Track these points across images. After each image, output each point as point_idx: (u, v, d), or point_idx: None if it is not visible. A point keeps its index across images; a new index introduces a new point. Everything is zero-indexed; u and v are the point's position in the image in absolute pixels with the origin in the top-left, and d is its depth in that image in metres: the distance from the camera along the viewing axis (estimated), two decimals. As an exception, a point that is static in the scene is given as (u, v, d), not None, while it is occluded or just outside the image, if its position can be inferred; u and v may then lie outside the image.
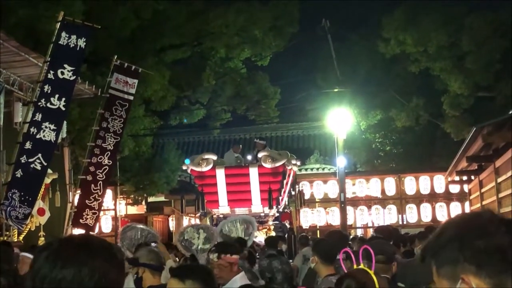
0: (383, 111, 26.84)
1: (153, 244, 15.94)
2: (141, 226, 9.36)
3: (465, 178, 20.36)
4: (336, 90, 24.55)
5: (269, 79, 28.47)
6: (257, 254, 15.66)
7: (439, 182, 22.89)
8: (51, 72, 13.71)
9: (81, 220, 17.30)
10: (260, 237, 16.48)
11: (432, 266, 1.70)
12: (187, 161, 17.45)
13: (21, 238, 15.43)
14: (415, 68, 24.63)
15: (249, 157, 17.47)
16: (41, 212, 16.08)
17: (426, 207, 22.92)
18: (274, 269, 9.36)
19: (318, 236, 20.42)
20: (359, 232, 23.70)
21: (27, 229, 15.57)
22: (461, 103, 23.40)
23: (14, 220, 13.57)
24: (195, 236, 9.61)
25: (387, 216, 23.15)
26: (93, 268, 1.81)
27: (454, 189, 22.87)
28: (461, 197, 22.61)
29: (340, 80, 25.01)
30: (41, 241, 16.02)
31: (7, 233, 14.70)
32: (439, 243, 1.66)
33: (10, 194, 13.43)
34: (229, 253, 5.08)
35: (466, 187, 21.59)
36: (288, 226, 17.27)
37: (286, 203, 17.93)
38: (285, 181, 16.54)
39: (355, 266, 2.85)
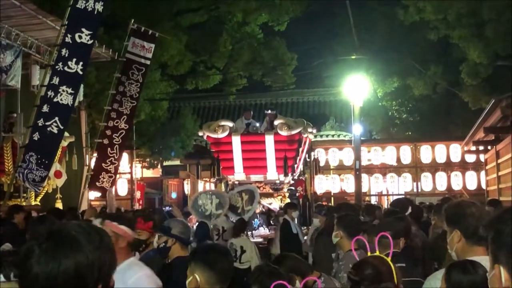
0: (401, 79, 26.61)
1: (167, 208, 16.05)
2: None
3: (481, 148, 20.26)
4: (353, 57, 24.36)
5: (286, 45, 28.30)
6: (271, 219, 15.82)
7: (455, 151, 22.80)
8: (69, 35, 13.71)
9: (97, 183, 17.48)
10: (274, 203, 16.58)
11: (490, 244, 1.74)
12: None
13: (38, 200, 15.61)
14: (433, 36, 24.31)
15: (257, 124, 17.42)
16: (58, 174, 16.23)
17: (441, 176, 22.86)
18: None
19: (333, 203, 20.48)
20: (374, 200, 23.69)
21: (44, 191, 15.74)
22: (480, 72, 23.14)
23: (31, 182, 13.72)
24: (208, 202, 9.69)
25: (402, 184, 23.13)
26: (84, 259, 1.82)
27: (470, 158, 22.78)
28: (477, 166, 22.52)
29: (358, 47, 24.78)
30: (58, 203, 16.20)
31: (25, 195, 14.89)
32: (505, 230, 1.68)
33: (28, 157, 13.55)
34: (117, 221, 4.44)
35: (482, 157, 21.49)
36: (300, 192, 17.30)
37: (301, 170, 17.95)
38: (300, 149, 16.52)
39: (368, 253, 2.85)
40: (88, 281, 1.83)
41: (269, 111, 17.80)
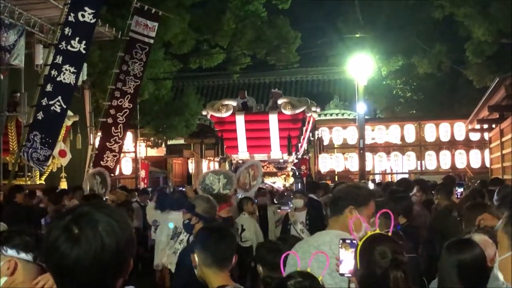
0: (405, 57, 26.52)
1: (181, 188, 16.06)
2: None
3: (485, 126, 20.21)
4: (357, 35, 24.28)
5: (290, 24, 28.17)
6: (275, 198, 15.86)
7: (460, 129, 22.77)
8: (72, 14, 13.67)
9: (102, 162, 17.50)
10: (278, 182, 16.61)
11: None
12: None
13: (43, 179, 15.67)
14: (438, 14, 24.16)
15: (254, 103, 17.47)
16: (62, 154, 16.26)
17: (445, 154, 22.85)
18: None
19: (336, 181, 20.51)
20: (378, 179, 23.75)
21: (49, 170, 15.80)
22: (484, 50, 23.04)
23: (35, 161, 13.78)
24: (216, 182, 9.72)
25: (406, 163, 23.13)
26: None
27: (474, 136, 22.75)
28: (481, 145, 22.49)
29: (362, 25, 24.70)
30: (63, 182, 16.26)
31: (29, 174, 14.94)
32: None
33: (32, 136, 13.59)
34: None
35: (486, 135, 21.45)
36: (304, 171, 17.31)
37: (305, 149, 17.95)
38: (304, 128, 16.50)
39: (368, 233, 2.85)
40: (115, 264, 1.85)
41: (276, 90, 17.77)
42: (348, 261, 2.64)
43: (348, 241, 2.66)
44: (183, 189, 12.27)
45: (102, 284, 1.84)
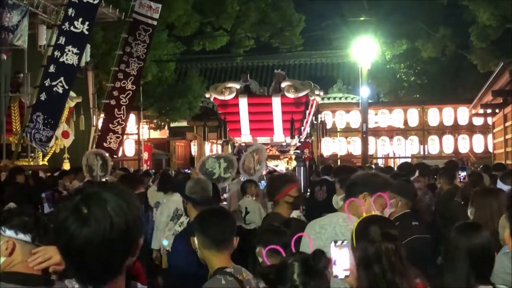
0: (409, 41, 26.42)
1: (186, 170, 16.09)
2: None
3: (489, 111, 20.18)
4: (362, 18, 24.16)
5: (294, 6, 28.02)
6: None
7: (463, 114, 22.72)
8: (75, -5, 13.63)
9: (104, 144, 17.53)
10: (281, 166, 16.61)
11: None
12: None
13: (45, 160, 15.69)
14: (443, -3, 24.12)
15: (257, 85, 17.44)
16: (65, 135, 16.29)
17: (448, 139, 22.83)
18: None
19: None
20: (380, 163, 23.75)
21: (52, 151, 15.82)
22: (489, 35, 22.97)
23: (38, 142, 13.80)
24: (216, 166, 9.71)
25: (409, 147, 23.12)
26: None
27: (478, 121, 22.72)
28: (484, 129, 22.47)
29: (366, 8, 24.58)
30: (66, 163, 16.28)
31: (32, 155, 14.96)
32: None
33: (35, 117, 13.61)
34: None
35: (490, 120, 21.42)
36: (307, 155, 17.32)
37: (308, 132, 17.94)
38: (307, 112, 16.49)
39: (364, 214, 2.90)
40: (125, 243, 1.86)
41: (279, 71, 17.73)
42: (342, 261, 2.65)
43: (339, 242, 2.67)
44: (188, 171, 12.28)
45: (111, 263, 1.86)
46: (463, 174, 9.49)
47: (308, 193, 11.19)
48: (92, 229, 1.80)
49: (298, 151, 16.69)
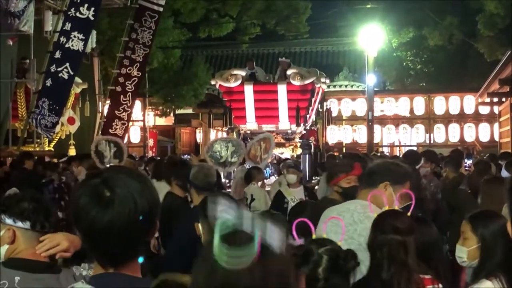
0: (416, 29, 26.29)
1: (186, 156, 16.07)
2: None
3: (496, 99, 20.09)
4: (368, 6, 24.06)
5: (300, -7, 27.93)
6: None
7: (469, 102, 22.64)
8: (81, -19, 13.61)
9: (110, 130, 17.53)
10: (286, 153, 16.60)
11: None
12: None
13: (51, 146, 15.72)
14: (451, -15, 23.98)
15: (263, 72, 17.41)
16: (71, 121, 16.31)
17: (454, 128, 22.76)
18: None
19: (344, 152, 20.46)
20: (386, 151, 23.72)
21: (57, 137, 15.84)
22: (496, 23, 22.84)
23: (43, 128, 13.83)
24: (224, 149, 9.67)
25: (415, 136, 23.06)
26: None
27: (484, 110, 22.63)
28: (491, 118, 22.38)
29: (373, -5, 24.45)
30: (71, 149, 16.31)
31: (38, 141, 14.99)
32: None
33: (41, 103, 13.64)
34: None
35: (496, 109, 21.34)
36: (313, 143, 17.27)
37: (314, 120, 17.92)
38: (313, 99, 16.46)
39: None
40: (148, 224, 1.89)
41: (283, 59, 17.68)
42: None
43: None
44: (189, 157, 12.21)
45: (133, 245, 1.88)
46: (469, 162, 9.46)
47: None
48: (116, 211, 1.81)
49: (305, 139, 16.64)
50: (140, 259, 1.93)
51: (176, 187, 6.15)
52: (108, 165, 10.14)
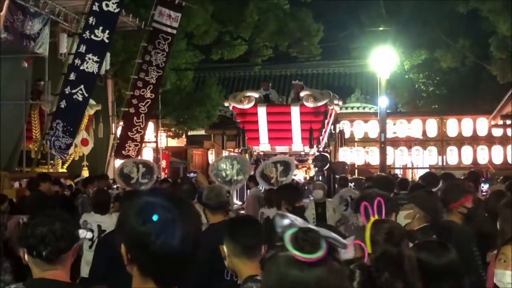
0: (428, 51, 26.32)
1: (192, 175, 16.03)
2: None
3: (509, 122, 20.05)
4: (380, 28, 24.16)
5: (312, 16, 28.01)
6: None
7: (482, 125, 22.59)
8: (96, 4, 13.77)
9: (123, 152, 17.61)
10: (299, 175, 16.55)
11: None
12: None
13: (65, 167, 15.78)
14: (463, 8, 23.95)
15: (276, 95, 17.45)
16: (84, 142, 16.39)
17: (467, 150, 22.71)
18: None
19: (356, 175, 20.43)
20: (398, 173, 23.64)
21: (71, 158, 15.90)
22: (509, 46, 22.85)
23: (57, 149, 13.90)
24: (229, 167, 9.63)
25: (427, 158, 23.02)
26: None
27: (497, 132, 22.56)
28: (504, 141, 22.32)
29: (385, 18, 24.55)
30: (85, 171, 16.36)
31: (52, 162, 15.05)
32: None
33: (55, 125, 13.71)
34: None
35: (509, 131, 21.27)
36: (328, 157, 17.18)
37: (326, 142, 17.88)
38: (326, 121, 16.44)
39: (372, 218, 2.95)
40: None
41: (296, 81, 17.71)
42: None
43: None
44: (194, 175, 12.16)
45: (187, 264, 1.94)
46: (485, 186, 9.33)
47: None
48: (184, 231, 1.86)
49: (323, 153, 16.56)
50: None
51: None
52: (138, 186, 10.04)
